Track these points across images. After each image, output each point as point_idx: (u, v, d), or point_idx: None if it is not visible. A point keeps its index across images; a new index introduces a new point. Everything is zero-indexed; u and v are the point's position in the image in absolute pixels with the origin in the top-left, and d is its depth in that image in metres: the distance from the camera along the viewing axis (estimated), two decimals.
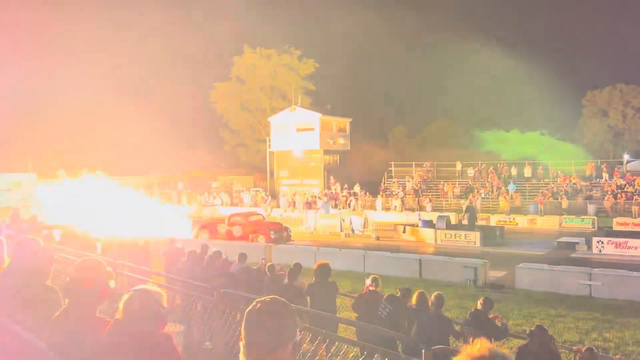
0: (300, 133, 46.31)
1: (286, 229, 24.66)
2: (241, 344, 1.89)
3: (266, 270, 10.18)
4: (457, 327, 7.85)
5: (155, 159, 55.74)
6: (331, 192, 41.83)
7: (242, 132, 63.36)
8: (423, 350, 3.20)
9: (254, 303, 1.93)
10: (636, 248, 20.00)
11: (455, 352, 1.62)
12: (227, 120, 64.82)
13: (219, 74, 63.55)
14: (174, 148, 49.41)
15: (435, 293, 7.57)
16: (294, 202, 39.78)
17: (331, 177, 46.02)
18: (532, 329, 6.76)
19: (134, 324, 2.68)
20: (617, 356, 6.97)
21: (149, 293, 2.77)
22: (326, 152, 46.60)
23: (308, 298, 8.71)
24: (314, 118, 45.83)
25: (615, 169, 41.99)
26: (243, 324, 1.89)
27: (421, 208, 36.21)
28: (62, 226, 16.48)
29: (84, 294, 3.08)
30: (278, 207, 40.46)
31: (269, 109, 55.69)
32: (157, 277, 10.28)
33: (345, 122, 49.37)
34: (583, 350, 6.35)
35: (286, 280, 9.00)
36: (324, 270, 8.70)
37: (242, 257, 11.27)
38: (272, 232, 23.26)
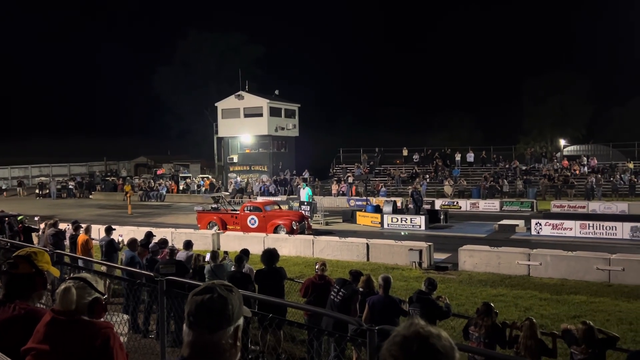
0: (248, 119, 45.77)
1: (307, 218, 23.31)
2: (184, 325, 1.87)
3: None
4: (404, 308, 8.02)
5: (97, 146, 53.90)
6: (280, 179, 41.73)
7: (187, 117, 62.03)
8: (367, 332, 3.24)
9: (199, 286, 1.92)
10: (571, 229, 21.01)
11: None
12: (171, 105, 63.26)
13: (163, 58, 62.16)
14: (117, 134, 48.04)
15: (382, 275, 7.70)
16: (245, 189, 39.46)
17: (280, 163, 45.87)
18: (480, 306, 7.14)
19: (72, 313, 2.60)
20: (553, 332, 7.33)
21: (86, 281, 2.69)
22: (275, 138, 46.31)
23: (256, 285, 8.69)
24: (262, 103, 45.39)
25: (553, 154, 43.88)
26: (186, 305, 1.87)
27: (369, 193, 36.70)
28: None
29: (20, 284, 2.96)
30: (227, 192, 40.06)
31: (216, 93, 54.69)
32: (99, 265, 10.00)
33: (294, 108, 49.15)
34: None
35: (232, 267, 8.93)
36: (270, 256, 8.70)
37: (188, 244, 11.12)
38: (294, 222, 21.62)
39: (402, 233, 22.65)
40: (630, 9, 57.15)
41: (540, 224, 21.58)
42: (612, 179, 34.95)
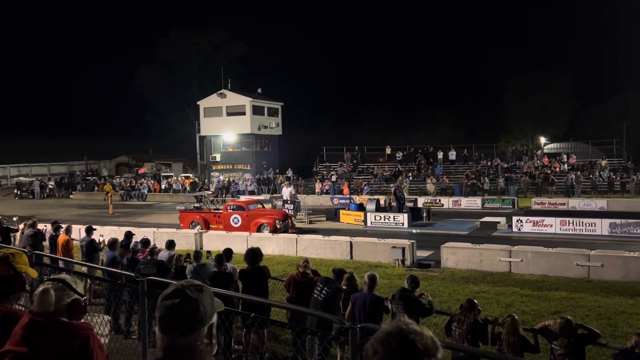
0: (230, 117, 45.52)
1: (290, 217, 23.19)
2: (156, 329, 1.81)
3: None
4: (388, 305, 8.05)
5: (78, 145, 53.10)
6: (263, 177, 41.59)
7: (169, 116, 61.49)
8: (350, 330, 3.24)
9: (168, 287, 1.86)
10: (552, 226, 21.26)
11: None
12: (153, 104, 62.65)
13: (145, 56, 61.51)
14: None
15: (368, 273, 7.70)
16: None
17: (263, 162, 45.73)
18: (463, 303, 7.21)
19: (50, 314, 2.55)
20: (534, 327, 7.43)
21: (65, 282, 2.65)
22: (258, 136, 46.13)
23: (240, 284, 8.66)
24: (245, 102, 45.17)
25: (534, 152, 44.41)
26: (157, 310, 1.81)
27: (352, 191, 36.72)
28: None
29: None
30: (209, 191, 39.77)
31: (198, 92, 54.27)
32: (80, 266, 9.88)
33: (277, 107, 49.00)
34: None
35: (214, 268, 8.88)
36: (253, 255, 8.66)
37: (171, 244, 11.03)
38: (277, 221, 21.37)
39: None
40: (610, 9, 58.10)
41: (521, 221, 21.81)
42: (591, 176, 35.47)
